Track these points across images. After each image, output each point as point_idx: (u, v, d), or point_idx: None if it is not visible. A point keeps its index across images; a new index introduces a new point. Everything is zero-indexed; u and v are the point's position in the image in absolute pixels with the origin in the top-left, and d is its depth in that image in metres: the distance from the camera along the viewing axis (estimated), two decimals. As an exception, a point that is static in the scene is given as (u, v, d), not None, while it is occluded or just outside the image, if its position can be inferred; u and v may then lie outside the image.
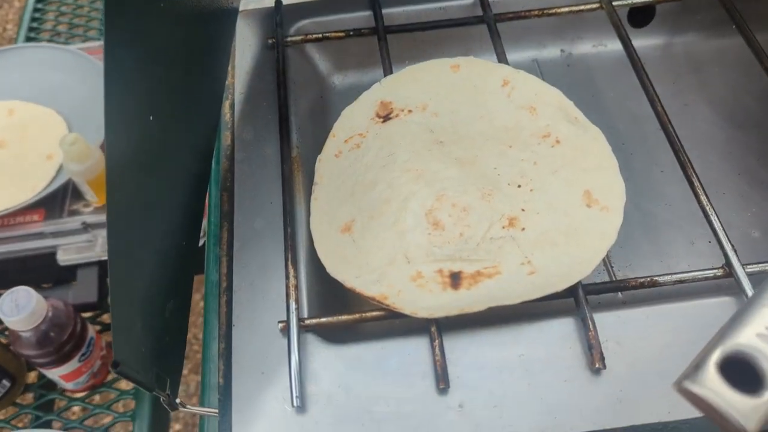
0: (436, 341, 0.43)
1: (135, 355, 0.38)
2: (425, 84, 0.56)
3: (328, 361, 0.44)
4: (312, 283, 0.49)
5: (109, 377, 0.70)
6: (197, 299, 0.52)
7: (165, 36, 0.48)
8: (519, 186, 0.49)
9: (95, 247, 0.77)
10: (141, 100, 0.43)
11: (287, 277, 0.46)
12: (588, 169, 0.49)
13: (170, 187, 0.48)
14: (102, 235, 0.83)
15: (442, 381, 0.42)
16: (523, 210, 0.47)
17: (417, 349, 0.44)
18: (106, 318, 0.76)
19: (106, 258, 0.83)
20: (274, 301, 0.47)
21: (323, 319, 0.45)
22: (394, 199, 0.49)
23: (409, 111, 0.54)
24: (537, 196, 0.48)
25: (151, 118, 0.43)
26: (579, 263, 0.45)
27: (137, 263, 0.41)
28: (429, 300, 0.44)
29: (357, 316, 0.45)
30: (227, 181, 0.55)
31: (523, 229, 0.46)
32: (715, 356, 0.31)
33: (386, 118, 0.54)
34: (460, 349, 0.44)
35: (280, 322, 0.45)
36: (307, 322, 0.45)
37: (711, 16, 0.64)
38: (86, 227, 0.77)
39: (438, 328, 0.43)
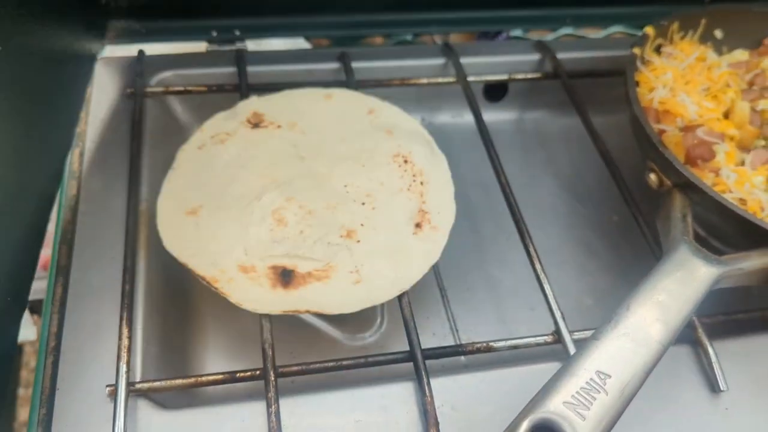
0: (273, 407, 0.42)
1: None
2: (298, 106, 0.59)
3: (159, 429, 0.42)
4: (150, 344, 0.47)
5: None
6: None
7: (9, 76, 0.45)
8: (363, 203, 0.52)
9: None
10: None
11: (120, 338, 0.44)
12: (427, 188, 0.53)
13: None
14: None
15: (276, 449, 0.41)
16: (362, 225, 0.50)
17: (253, 415, 0.43)
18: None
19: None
20: (106, 363, 0.44)
21: (156, 383, 0.43)
22: (246, 196, 0.51)
23: (279, 126, 0.57)
24: (377, 214, 0.51)
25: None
26: (401, 278, 0.48)
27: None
28: (257, 294, 0.45)
29: (192, 380, 0.43)
30: (68, 234, 0.52)
31: (359, 241, 0.49)
32: (525, 425, 0.33)
33: (256, 126, 0.56)
34: (298, 414, 0.43)
35: (108, 386, 0.42)
36: (138, 386, 0.43)
37: (557, 98, 0.69)
38: None
39: (276, 393, 0.42)
